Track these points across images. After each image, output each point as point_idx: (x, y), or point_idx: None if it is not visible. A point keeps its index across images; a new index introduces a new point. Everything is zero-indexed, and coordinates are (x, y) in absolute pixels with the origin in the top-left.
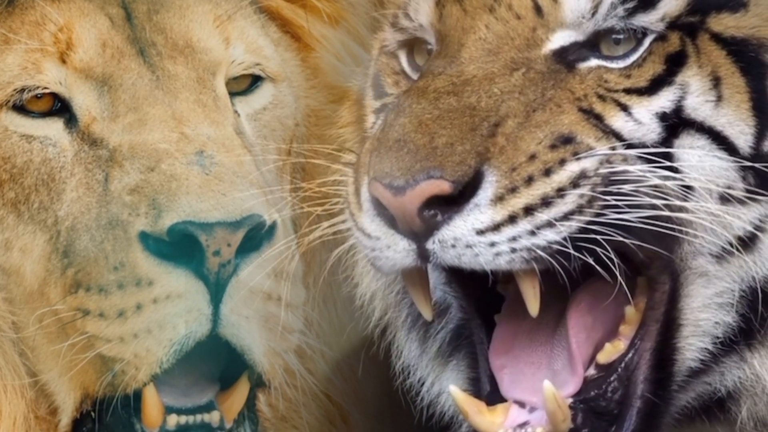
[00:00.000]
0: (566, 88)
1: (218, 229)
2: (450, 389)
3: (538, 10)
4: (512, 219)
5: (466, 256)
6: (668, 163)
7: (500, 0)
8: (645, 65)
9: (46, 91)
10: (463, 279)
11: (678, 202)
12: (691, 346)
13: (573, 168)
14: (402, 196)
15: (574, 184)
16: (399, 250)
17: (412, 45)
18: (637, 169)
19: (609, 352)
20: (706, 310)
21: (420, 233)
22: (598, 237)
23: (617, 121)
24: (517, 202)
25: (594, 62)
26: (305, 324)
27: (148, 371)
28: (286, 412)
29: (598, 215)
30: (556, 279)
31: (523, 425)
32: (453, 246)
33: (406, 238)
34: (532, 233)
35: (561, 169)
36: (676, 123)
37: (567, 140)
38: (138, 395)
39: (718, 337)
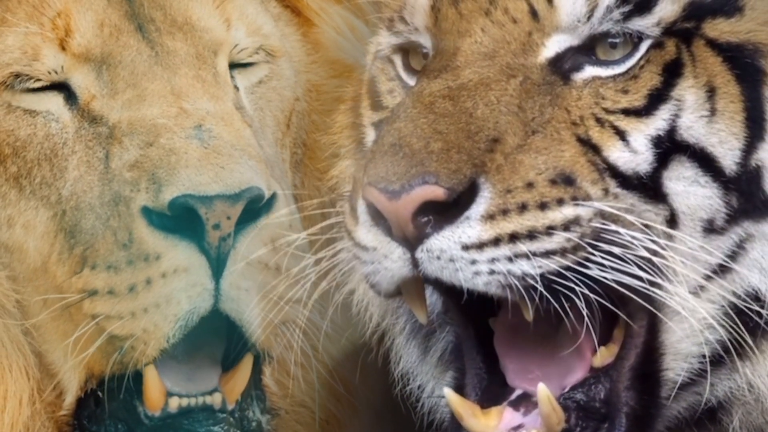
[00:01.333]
0: (563, 107)
1: (217, 202)
2: (444, 391)
3: (534, 14)
4: (496, 241)
5: (447, 270)
6: (660, 208)
7: (496, 3)
8: (642, 77)
9: (40, 83)
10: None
11: (661, 252)
12: (675, 368)
13: (569, 212)
14: (397, 201)
15: (565, 226)
16: (395, 259)
17: (408, 49)
18: (627, 234)
19: (603, 356)
20: (686, 340)
21: (412, 240)
22: (573, 285)
23: (614, 152)
24: (506, 226)
25: (589, 71)
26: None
27: (156, 346)
28: (294, 390)
29: (579, 264)
30: None
31: (517, 428)
32: (438, 258)
33: (401, 245)
34: (510, 260)
35: (557, 209)
36: (668, 148)
37: (568, 180)
38: (140, 378)
39: (704, 356)
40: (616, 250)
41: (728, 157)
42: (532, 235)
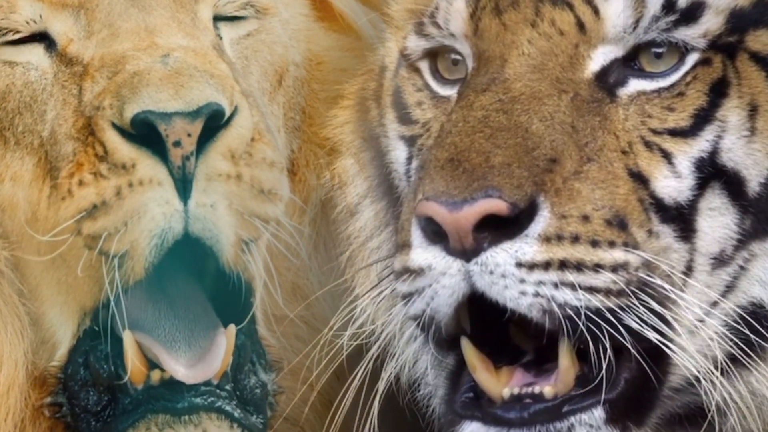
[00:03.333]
0: (612, 131)
1: (176, 119)
2: (462, 342)
3: (580, 26)
4: (547, 265)
5: (497, 286)
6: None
7: (542, 15)
8: (688, 95)
9: (19, 35)
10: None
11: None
12: (678, 375)
13: (618, 256)
14: (458, 212)
15: (613, 268)
16: (453, 273)
17: (436, 54)
18: (672, 291)
19: None
20: (692, 358)
21: (469, 251)
22: (609, 327)
23: (661, 181)
24: (558, 252)
25: (634, 85)
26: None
27: (140, 263)
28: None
29: (620, 308)
30: None
31: (529, 385)
32: (491, 272)
33: (457, 258)
34: (555, 286)
35: (608, 250)
36: (708, 173)
37: (621, 224)
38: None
39: (708, 367)
40: (654, 304)
41: (755, 178)
42: (579, 267)
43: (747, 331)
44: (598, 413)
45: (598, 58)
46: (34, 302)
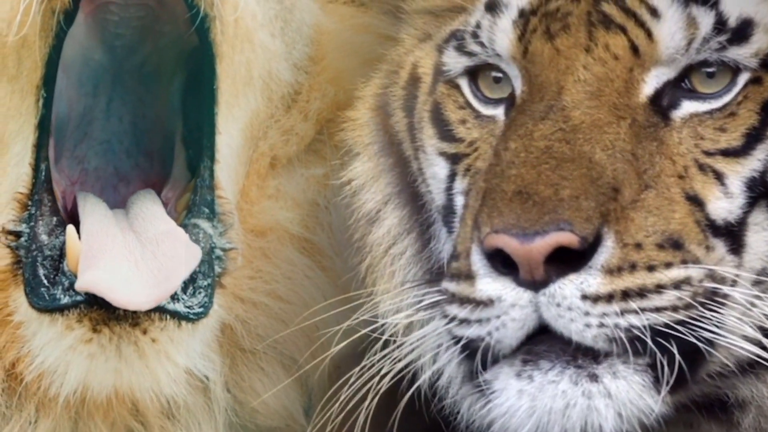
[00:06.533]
0: (668, 156)
1: None
2: None
3: (634, 49)
4: (609, 297)
5: (563, 319)
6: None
7: (596, 39)
8: (740, 114)
9: None
10: None
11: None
12: (714, 363)
13: (678, 273)
14: (530, 243)
15: (676, 286)
16: (524, 305)
17: (476, 71)
18: (739, 294)
19: None
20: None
21: (539, 282)
22: (682, 336)
23: (714, 203)
24: (620, 284)
25: (686, 107)
26: None
27: None
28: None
29: (692, 319)
30: None
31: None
32: (558, 305)
33: (527, 289)
34: (619, 314)
35: (665, 271)
36: (759, 192)
37: (676, 245)
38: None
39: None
40: (730, 314)
41: None
42: (642, 293)
43: None
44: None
45: (652, 81)
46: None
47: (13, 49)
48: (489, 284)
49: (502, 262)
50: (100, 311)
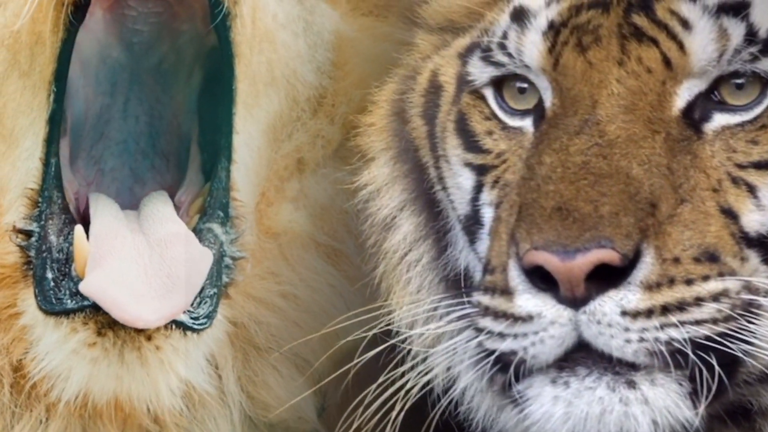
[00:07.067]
0: (702, 169)
1: None
2: None
3: (667, 62)
4: (649, 313)
5: (603, 336)
6: None
7: (628, 53)
8: None
9: None
10: None
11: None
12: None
13: (715, 286)
14: (571, 261)
15: (715, 298)
16: (564, 323)
17: (500, 81)
18: None
19: None
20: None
21: (579, 299)
22: (724, 349)
23: (746, 216)
24: (659, 298)
25: (718, 120)
26: None
27: None
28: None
29: (731, 330)
30: None
31: None
32: (599, 322)
33: (568, 307)
34: (659, 328)
35: (703, 284)
36: None
37: (712, 258)
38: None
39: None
40: (760, 321)
41: None
42: (681, 307)
43: None
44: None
45: (684, 93)
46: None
47: (26, 45)
48: (528, 300)
49: (540, 278)
50: (106, 314)
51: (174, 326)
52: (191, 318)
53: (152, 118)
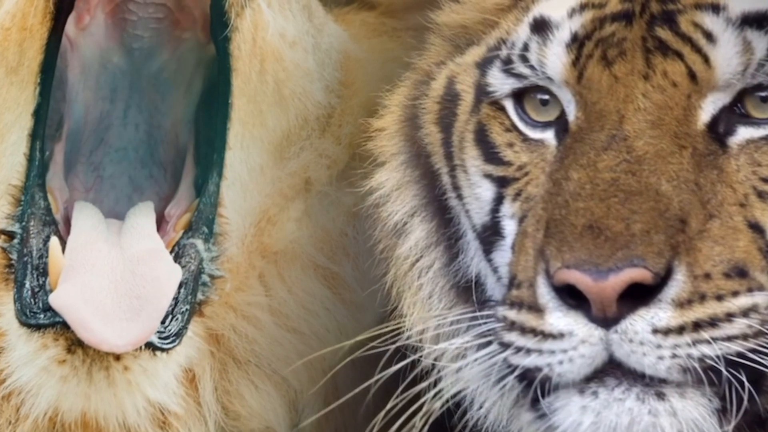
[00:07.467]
0: (729, 183)
1: None
2: None
3: (692, 76)
4: (681, 329)
5: (635, 354)
6: None
7: (654, 66)
8: None
9: None
10: None
11: None
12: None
13: (745, 302)
14: (604, 281)
15: (745, 314)
16: (594, 342)
17: (521, 92)
18: None
19: None
20: None
21: (610, 319)
22: (748, 363)
23: None
24: (691, 315)
25: (742, 134)
26: None
27: None
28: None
29: (760, 346)
30: None
31: None
32: (630, 340)
33: (599, 326)
34: (691, 345)
35: (733, 299)
36: None
37: (741, 273)
38: None
39: None
40: None
41: None
42: (713, 322)
43: None
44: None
45: (708, 107)
46: None
47: (15, 41)
48: (560, 319)
49: (570, 295)
50: None
51: (143, 346)
52: (160, 338)
53: (151, 126)
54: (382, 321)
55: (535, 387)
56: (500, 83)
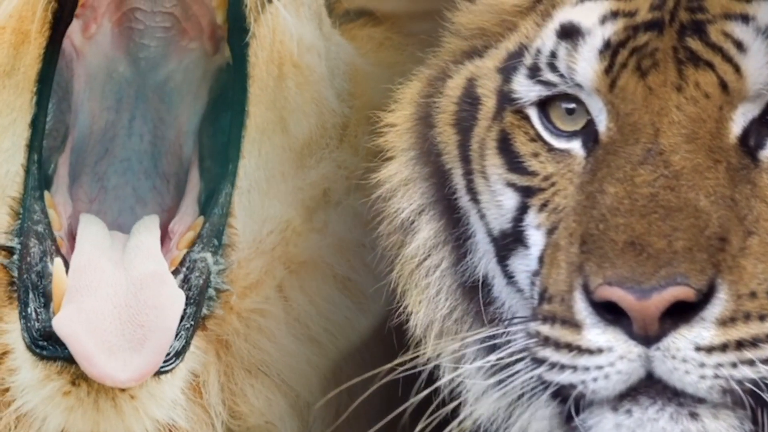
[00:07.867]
0: (763, 198)
1: None
2: None
3: (723, 86)
4: (724, 347)
5: (678, 372)
6: None
7: (686, 77)
8: None
9: None
10: None
11: None
12: None
13: None
14: (647, 300)
15: None
16: (633, 358)
17: (547, 101)
18: None
19: None
20: None
21: (652, 337)
22: None
23: None
24: (734, 333)
25: None
26: None
27: None
28: None
29: None
30: None
31: None
32: (673, 357)
33: (639, 343)
34: (734, 365)
35: None
36: None
37: None
38: None
39: None
40: None
41: None
42: (755, 343)
43: None
44: None
45: (739, 119)
46: None
47: (9, 42)
48: (599, 335)
49: (607, 310)
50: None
51: None
52: (164, 360)
53: (156, 137)
54: (399, 330)
55: (569, 404)
56: (526, 90)
